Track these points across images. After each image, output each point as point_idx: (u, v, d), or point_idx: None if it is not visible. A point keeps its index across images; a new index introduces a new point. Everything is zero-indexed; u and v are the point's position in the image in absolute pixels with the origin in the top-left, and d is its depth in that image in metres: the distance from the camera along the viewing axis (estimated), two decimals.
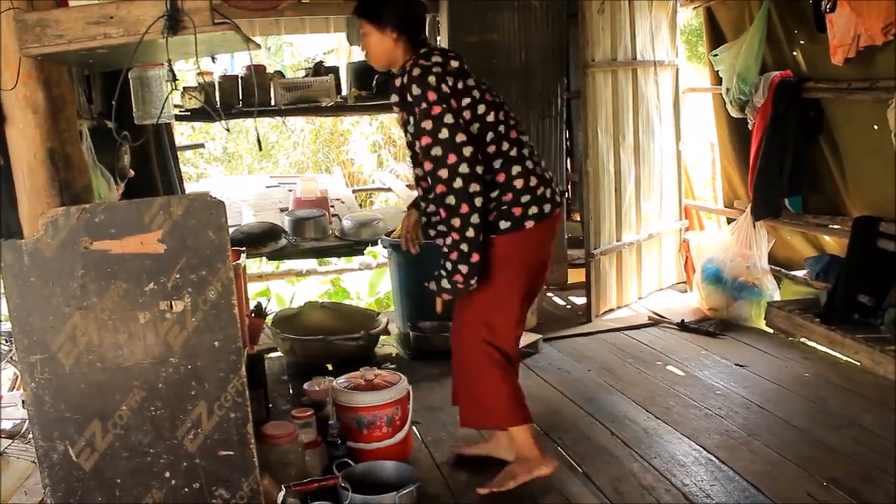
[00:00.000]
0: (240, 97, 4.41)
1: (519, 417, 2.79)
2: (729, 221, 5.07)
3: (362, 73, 4.84)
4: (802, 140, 4.31)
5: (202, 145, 8.52)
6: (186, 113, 4.31)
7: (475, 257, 2.52)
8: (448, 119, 2.47)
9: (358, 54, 8.22)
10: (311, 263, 6.33)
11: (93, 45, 2.01)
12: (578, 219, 5.56)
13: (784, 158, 4.33)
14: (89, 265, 2.01)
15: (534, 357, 4.13)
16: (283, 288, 6.94)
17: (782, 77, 4.38)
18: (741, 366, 3.87)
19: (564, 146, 5.35)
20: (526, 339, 4.16)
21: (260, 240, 4.49)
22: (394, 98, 2.61)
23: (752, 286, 4.52)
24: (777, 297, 4.55)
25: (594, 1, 4.47)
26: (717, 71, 4.80)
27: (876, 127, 3.89)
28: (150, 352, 2.05)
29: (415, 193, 3.25)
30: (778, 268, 4.71)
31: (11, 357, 2.98)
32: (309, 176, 7.08)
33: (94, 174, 3.17)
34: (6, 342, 3.03)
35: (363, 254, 5.07)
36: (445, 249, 2.54)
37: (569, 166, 5.59)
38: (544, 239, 2.75)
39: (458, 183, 2.46)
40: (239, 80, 4.42)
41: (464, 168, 2.46)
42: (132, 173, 3.69)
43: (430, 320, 4.17)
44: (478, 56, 5.01)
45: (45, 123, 2.09)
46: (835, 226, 4.29)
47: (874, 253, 3.86)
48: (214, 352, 2.07)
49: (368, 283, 6.91)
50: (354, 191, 7.07)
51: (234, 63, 6.04)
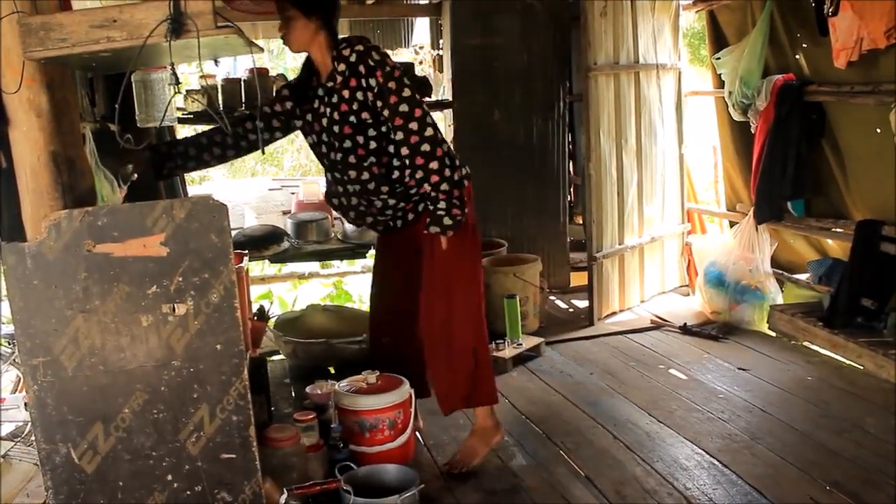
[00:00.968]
0: (242, 100, 4.41)
1: None
2: (731, 225, 5.07)
3: None
4: (805, 143, 4.31)
5: None
6: (189, 116, 4.31)
7: (456, 192, 2.77)
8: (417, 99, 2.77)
9: None
10: (314, 266, 6.34)
11: (96, 49, 2.02)
12: (580, 222, 5.57)
13: (786, 162, 4.33)
14: (92, 268, 2.01)
15: (536, 360, 4.13)
16: (286, 291, 6.94)
17: (785, 80, 4.38)
18: (744, 369, 3.87)
19: (566, 149, 5.35)
20: (528, 343, 4.17)
21: (262, 243, 4.49)
22: (342, 66, 2.75)
23: (755, 290, 4.52)
24: (780, 301, 4.55)
25: (596, 4, 4.47)
26: (720, 74, 4.81)
27: (879, 130, 3.89)
28: (153, 355, 2.05)
29: None
30: (780, 271, 4.71)
31: (14, 360, 2.98)
32: (311, 179, 7.09)
33: (98, 177, 3.17)
34: (8, 345, 3.03)
35: (365, 257, 5.05)
36: (433, 193, 2.75)
37: (571, 169, 5.59)
38: None
39: (433, 143, 2.75)
40: (241, 83, 4.42)
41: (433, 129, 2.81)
42: (136, 176, 3.70)
43: None
44: (480, 59, 5.03)
45: (49, 126, 2.09)
46: (837, 229, 4.29)
47: (877, 256, 3.86)
48: (217, 355, 2.07)
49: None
50: None
51: (237, 66, 6.06)
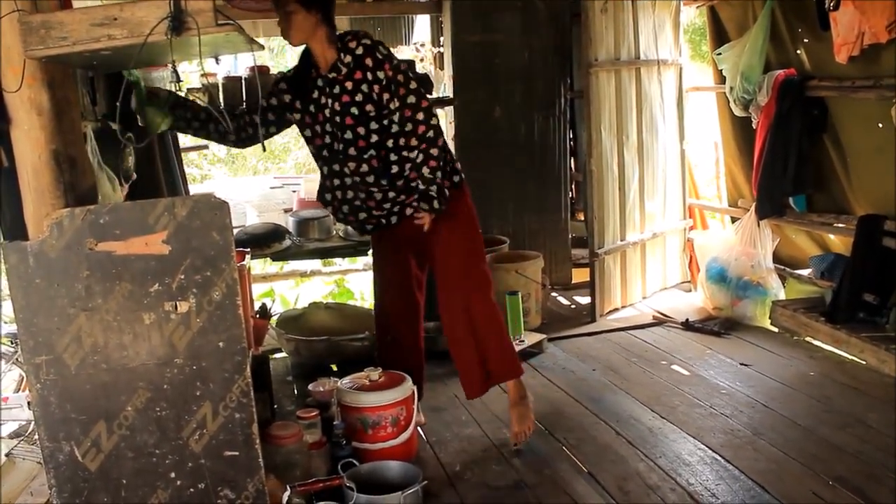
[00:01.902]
0: (243, 98, 4.41)
1: None
2: (733, 220, 5.06)
3: None
4: (806, 139, 4.31)
5: (206, 146, 8.51)
6: None
7: (447, 183, 2.96)
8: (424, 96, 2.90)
9: None
10: (316, 264, 6.33)
11: (97, 47, 2.02)
12: (582, 218, 5.57)
13: (788, 157, 4.33)
14: (94, 266, 2.01)
15: (538, 357, 4.13)
16: (288, 289, 6.94)
17: (786, 75, 4.37)
18: (746, 365, 3.87)
19: (568, 146, 5.35)
20: (531, 339, 4.17)
21: (264, 240, 4.49)
22: (347, 59, 2.82)
23: (757, 285, 4.52)
24: (782, 296, 4.54)
25: (597, 0, 4.47)
26: (721, 70, 4.80)
27: (880, 125, 3.88)
28: (155, 352, 2.06)
29: None
30: (782, 267, 4.71)
31: (17, 358, 2.99)
32: (313, 177, 7.07)
33: (99, 175, 3.17)
34: (11, 343, 3.03)
35: (367, 254, 5.05)
36: (429, 175, 2.86)
37: (572, 166, 5.59)
38: None
39: (436, 133, 2.90)
40: (242, 82, 4.42)
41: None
42: (134, 175, 3.70)
43: (435, 321, 4.17)
44: (480, 56, 5.03)
45: (50, 125, 2.09)
46: (839, 224, 4.29)
47: (879, 251, 3.85)
48: (219, 352, 2.08)
49: (372, 284, 6.89)
50: None
51: (238, 64, 6.05)
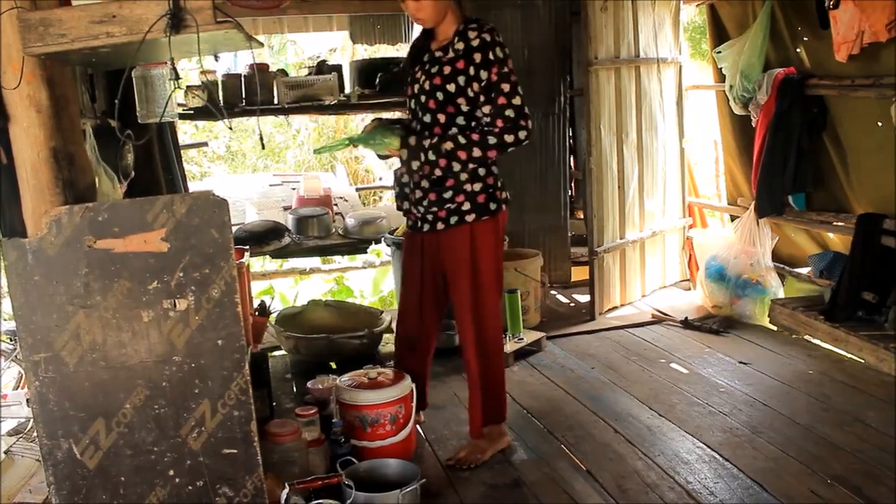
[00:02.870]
0: (243, 96, 4.41)
1: None
2: (732, 219, 5.06)
3: (365, 72, 4.83)
4: (806, 137, 4.30)
5: (205, 144, 8.52)
6: (190, 112, 4.31)
7: (464, 154, 2.78)
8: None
9: (362, 52, 8.24)
10: (315, 262, 6.33)
11: (96, 44, 2.02)
12: (582, 216, 5.56)
13: (788, 155, 4.32)
14: (93, 264, 2.01)
15: (537, 355, 4.13)
16: (287, 287, 6.94)
17: (786, 74, 4.37)
18: (745, 363, 3.87)
19: (567, 144, 5.35)
20: (529, 337, 4.17)
21: (263, 238, 4.50)
22: (460, 45, 2.76)
23: (756, 284, 4.52)
24: (781, 295, 4.54)
25: None
26: (721, 68, 4.80)
27: (880, 124, 3.88)
28: (154, 350, 2.06)
29: None
30: (782, 265, 4.71)
31: (15, 356, 2.99)
32: (312, 174, 7.08)
33: (98, 173, 3.17)
34: (10, 341, 3.03)
35: (366, 252, 5.07)
36: (456, 160, 2.77)
37: (572, 164, 5.58)
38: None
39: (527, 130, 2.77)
40: (242, 79, 4.42)
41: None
42: (133, 173, 3.70)
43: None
44: None
45: (49, 122, 2.09)
46: (839, 223, 4.29)
47: (878, 250, 3.85)
48: (218, 350, 2.08)
49: (372, 282, 6.91)
50: (358, 189, 7.07)
51: (238, 62, 6.05)
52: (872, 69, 3.82)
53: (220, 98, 4.28)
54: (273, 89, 4.53)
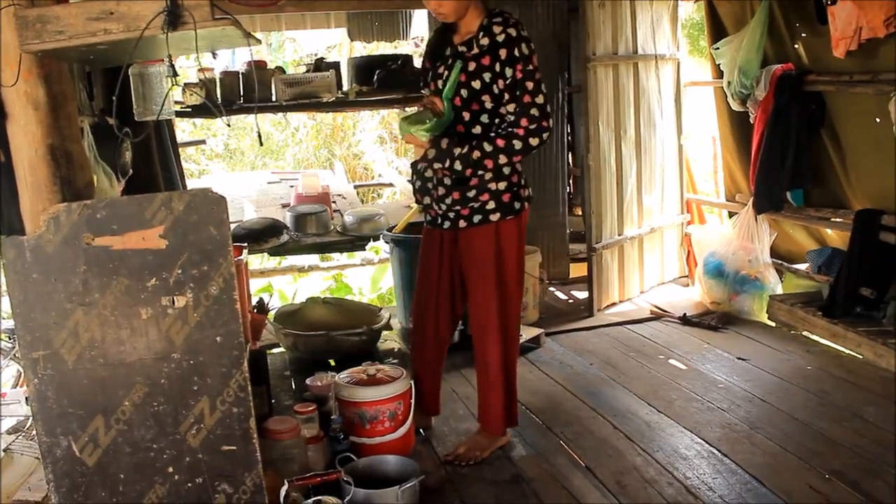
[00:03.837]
0: (241, 93, 4.40)
1: None
2: (731, 215, 5.07)
3: (363, 69, 4.82)
4: (804, 133, 4.30)
5: (203, 141, 8.51)
6: (187, 109, 4.30)
7: (490, 163, 2.74)
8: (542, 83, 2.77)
9: (360, 50, 8.23)
10: (313, 259, 6.32)
11: (93, 41, 2.01)
12: (580, 213, 5.56)
13: (786, 152, 4.32)
14: (91, 261, 2.01)
15: (536, 351, 4.14)
16: (286, 284, 6.94)
17: (784, 70, 4.37)
18: (743, 359, 3.87)
19: (565, 140, 5.34)
20: (528, 333, 4.17)
21: (261, 235, 4.49)
22: (484, 41, 2.70)
23: (754, 280, 4.52)
24: (779, 291, 4.55)
25: None
26: (719, 64, 4.79)
27: (878, 120, 3.88)
28: (153, 347, 2.06)
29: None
30: (780, 261, 4.71)
31: (14, 354, 2.98)
32: (311, 172, 7.07)
33: (96, 171, 3.17)
34: (8, 339, 3.03)
35: (365, 249, 5.06)
36: (474, 159, 2.73)
37: (570, 160, 5.58)
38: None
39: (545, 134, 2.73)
40: (240, 76, 4.41)
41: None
42: (131, 170, 3.69)
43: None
44: None
45: (46, 120, 2.09)
46: (837, 219, 4.29)
47: (876, 246, 3.86)
48: (217, 347, 2.08)
49: (370, 279, 6.91)
50: (356, 186, 7.06)
51: (235, 59, 6.04)
52: (870, 65, 3.82)
53: (218, 95, 4.27)
54: (271, 87, 4.52)
